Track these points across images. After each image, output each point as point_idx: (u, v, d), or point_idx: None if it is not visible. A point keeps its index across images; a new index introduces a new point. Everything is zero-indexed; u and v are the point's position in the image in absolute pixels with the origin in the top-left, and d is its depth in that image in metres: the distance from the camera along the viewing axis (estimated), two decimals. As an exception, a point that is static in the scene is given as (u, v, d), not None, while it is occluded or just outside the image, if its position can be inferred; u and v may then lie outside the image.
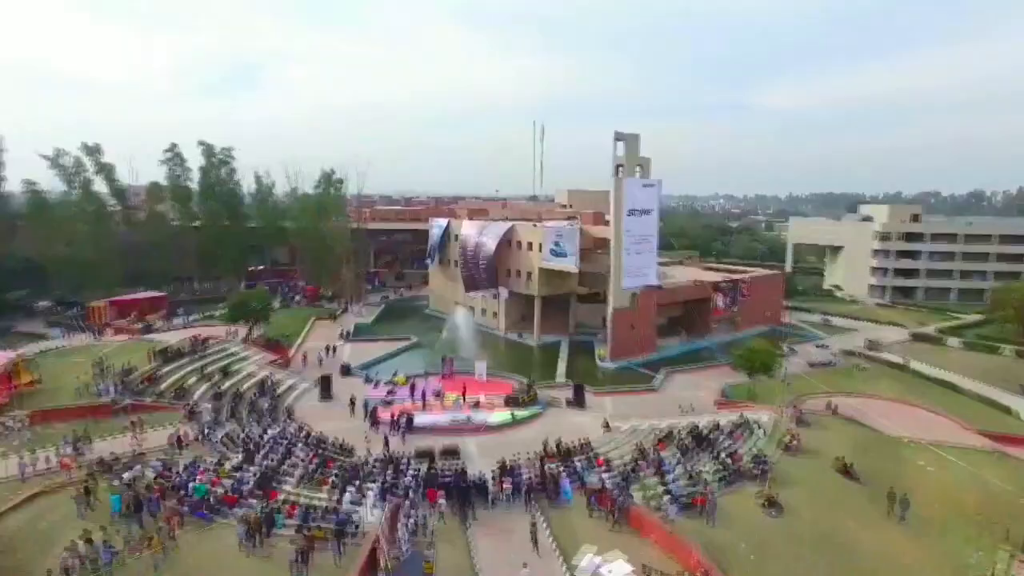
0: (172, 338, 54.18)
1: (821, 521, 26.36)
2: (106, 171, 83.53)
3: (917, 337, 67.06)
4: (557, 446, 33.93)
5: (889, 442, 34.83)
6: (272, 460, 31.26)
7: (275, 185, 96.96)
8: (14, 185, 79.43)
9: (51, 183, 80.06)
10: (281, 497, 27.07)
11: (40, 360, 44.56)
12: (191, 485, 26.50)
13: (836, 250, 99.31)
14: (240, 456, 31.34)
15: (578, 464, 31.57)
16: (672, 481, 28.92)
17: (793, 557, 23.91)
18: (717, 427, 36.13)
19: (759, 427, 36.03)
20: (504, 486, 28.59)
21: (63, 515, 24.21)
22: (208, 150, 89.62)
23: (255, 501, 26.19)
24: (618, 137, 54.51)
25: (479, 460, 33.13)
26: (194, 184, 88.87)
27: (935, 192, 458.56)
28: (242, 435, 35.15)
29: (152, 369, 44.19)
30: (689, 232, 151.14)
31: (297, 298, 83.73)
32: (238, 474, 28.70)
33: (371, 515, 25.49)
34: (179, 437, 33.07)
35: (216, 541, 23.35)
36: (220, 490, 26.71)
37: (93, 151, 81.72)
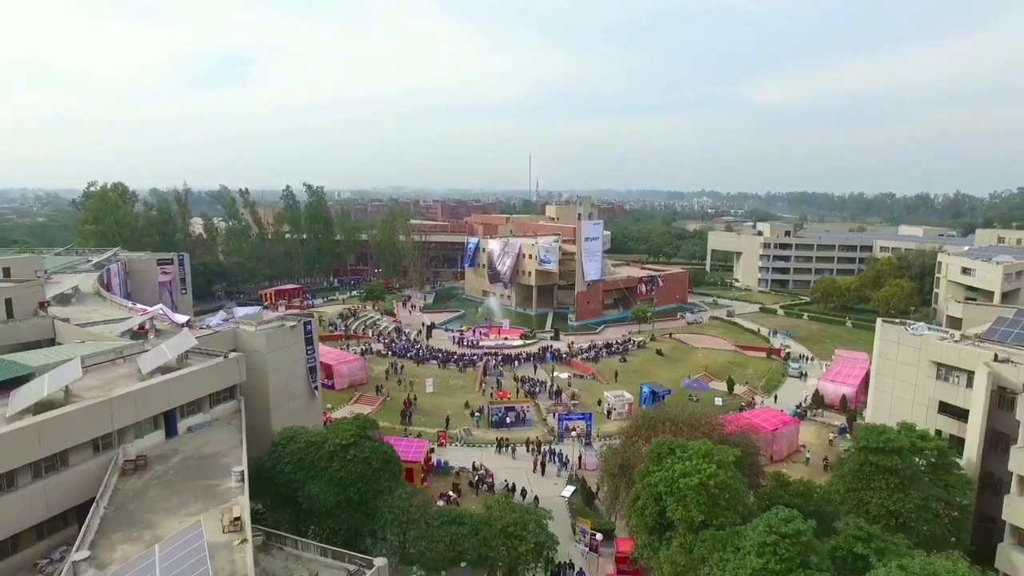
0: (328, 310, 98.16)
1: (641, 365, 71.04)
2: (250, 206, 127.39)
3: (763, 309, 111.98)
4: (544, 348, 78.30)
5: (687, 347, 79.73)
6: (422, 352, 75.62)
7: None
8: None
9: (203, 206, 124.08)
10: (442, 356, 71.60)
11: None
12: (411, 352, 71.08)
13: (739, 254, 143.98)
14: (414, 350, 75.70)
15: (549, 352, 76.07)
16: (588, 350, 73.66)
17: (622, 374, 68.36)
18: (617, 342, 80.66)
19: (634, 342, 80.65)
20: (523, 357, 73.18)
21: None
22: (310, 188, 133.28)
23: (436, 359, 70.66)
24: (580, 198, 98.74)
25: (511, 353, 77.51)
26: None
27: (890, 193, 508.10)
28: (403, 341, 79.41)
29: (344, 321, 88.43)
30: (652, 238, 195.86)
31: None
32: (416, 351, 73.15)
33: (480, 358, 70.00)
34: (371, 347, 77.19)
35: (427, 368, 67.72)
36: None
37: (244, 193, 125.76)
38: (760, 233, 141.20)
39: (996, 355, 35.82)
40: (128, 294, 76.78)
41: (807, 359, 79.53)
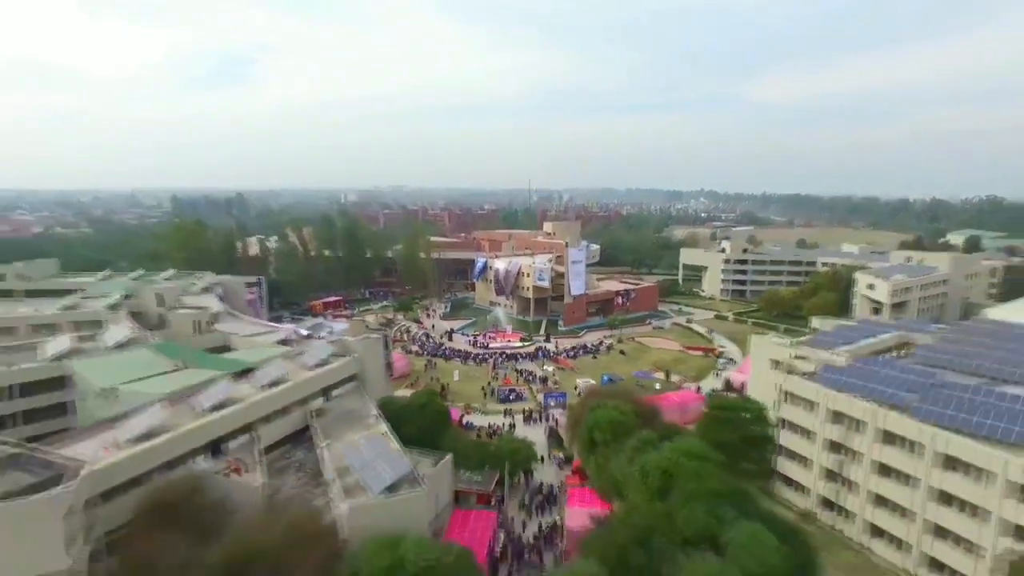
0: (366, 318, 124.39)
1: (607, 362, 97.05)
2: (298, 230, 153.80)
3: (717, 316, 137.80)
4: (538, 348, 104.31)
5: (644, 347, 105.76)
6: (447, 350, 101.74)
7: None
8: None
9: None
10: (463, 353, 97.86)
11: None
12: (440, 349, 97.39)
13: (706, 268, 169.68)
14: (441, 351, 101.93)
15: (542, 352, 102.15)
16: (570, 350, 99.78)
17: (592, 367, 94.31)
18: (592, 344, 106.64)
19: (605, 344, 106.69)
20: (522, 355, 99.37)
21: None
22: (344, 215, 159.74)
23: (459, 357, 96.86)
24: (569, 221, 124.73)
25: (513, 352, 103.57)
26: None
27: (874, 198, 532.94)
28: (431, 344, 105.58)
29: (385, 327, 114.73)
30: (639, 248, 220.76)
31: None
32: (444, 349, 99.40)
33: (491, 356, 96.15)
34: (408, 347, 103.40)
35: (453, 363, 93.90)
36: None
37: (296, 225, 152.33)
38: (723, 250, 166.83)
39: (792, 354, 61.59)
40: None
41: (734, 362, 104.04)
